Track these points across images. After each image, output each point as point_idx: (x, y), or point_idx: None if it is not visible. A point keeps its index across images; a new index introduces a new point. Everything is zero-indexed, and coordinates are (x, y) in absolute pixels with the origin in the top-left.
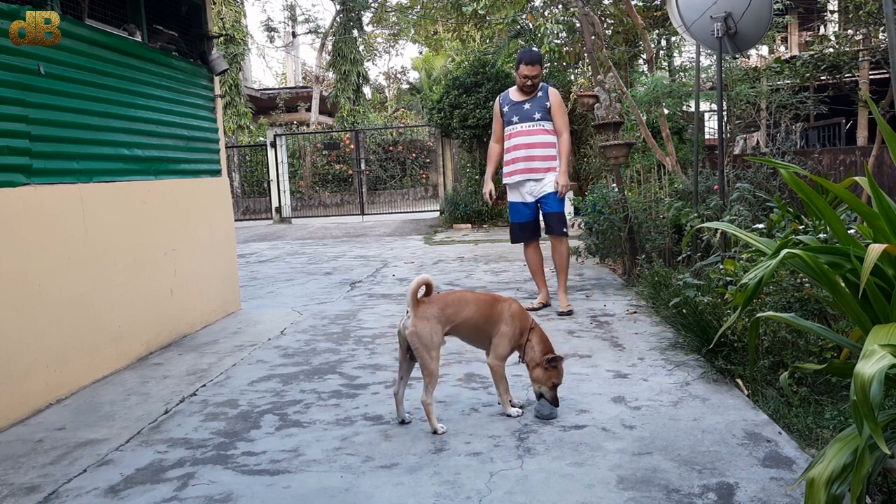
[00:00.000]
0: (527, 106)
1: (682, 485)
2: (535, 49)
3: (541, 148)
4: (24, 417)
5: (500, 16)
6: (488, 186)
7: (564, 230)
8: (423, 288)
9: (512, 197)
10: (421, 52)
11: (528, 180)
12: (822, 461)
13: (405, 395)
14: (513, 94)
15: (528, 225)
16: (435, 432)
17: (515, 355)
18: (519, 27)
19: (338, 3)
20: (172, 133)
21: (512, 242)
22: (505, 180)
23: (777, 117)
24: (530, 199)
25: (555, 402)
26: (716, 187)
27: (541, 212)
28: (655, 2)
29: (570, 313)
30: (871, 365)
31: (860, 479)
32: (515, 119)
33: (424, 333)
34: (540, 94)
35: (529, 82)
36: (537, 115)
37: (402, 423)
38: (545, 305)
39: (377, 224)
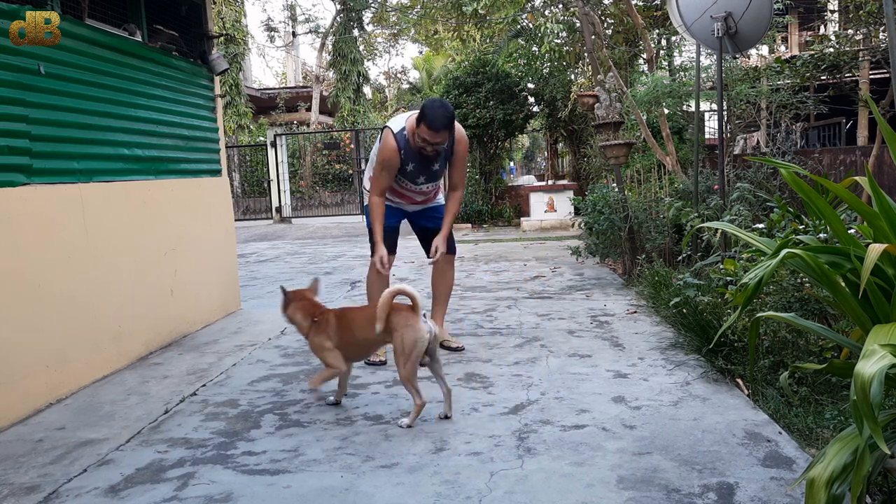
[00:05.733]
0: None
1: (682, 485)
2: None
3: None
4: (24, 417)
5: (500, 15)
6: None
7: None
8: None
9: None
10: (421, 52)
11: None
12: (823, 461)
13: (401, 392)
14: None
15: None
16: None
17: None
18: (519, 27)
19: (338, 2)
20: (172, 133)
21: None
22: None
23: (777, 117)
24: None
25: None
26: (716, 187)
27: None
28: (655, 1)
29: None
30: (871, 365)
31: (860, 479)
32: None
33: None
34: None
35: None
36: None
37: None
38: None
39: None
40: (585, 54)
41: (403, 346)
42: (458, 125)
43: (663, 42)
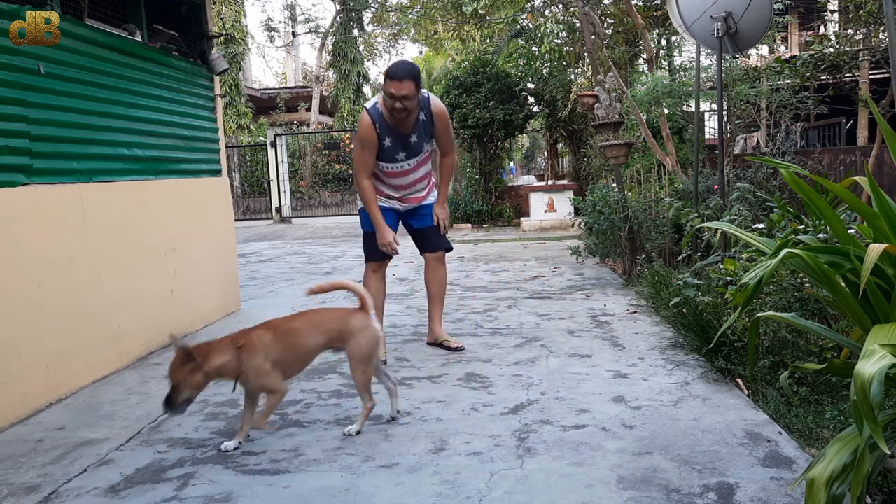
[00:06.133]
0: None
1: (682, 485)
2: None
3: None
4: (25, 417)
5: (500, 15)
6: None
7: None
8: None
9: None
10: (421, 52)
11: None
12: (823, 461)
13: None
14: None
15: None
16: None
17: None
18: (519, 27)
19: (338, 2)
20: (172, 133)
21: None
22: None
23: (777, 117)
24: None
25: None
26: (716, 187)
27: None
28: (655, 1)
29: None
30: (871, 365)
31: (860, 479)
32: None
33: None
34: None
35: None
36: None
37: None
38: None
39: None
40: (585, 54)
41: (362, 350)
42: (435, 99)
43: (663, 42)
